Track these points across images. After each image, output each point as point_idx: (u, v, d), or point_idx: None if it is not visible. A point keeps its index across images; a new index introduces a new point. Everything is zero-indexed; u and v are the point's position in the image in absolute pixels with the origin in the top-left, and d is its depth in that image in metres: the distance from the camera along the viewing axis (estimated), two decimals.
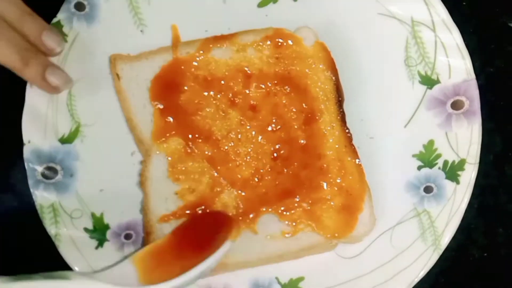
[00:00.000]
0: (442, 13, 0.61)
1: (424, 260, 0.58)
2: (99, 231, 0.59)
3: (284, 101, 0.59)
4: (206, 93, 0.59)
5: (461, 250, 0.62)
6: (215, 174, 0.58)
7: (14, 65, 0.53)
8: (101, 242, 0.58)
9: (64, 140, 0.59)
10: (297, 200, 0.58)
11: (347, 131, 0.59)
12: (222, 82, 0.59)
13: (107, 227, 0.59)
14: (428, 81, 0.61)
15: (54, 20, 0.60)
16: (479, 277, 0.63)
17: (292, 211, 0.58)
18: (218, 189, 0.58)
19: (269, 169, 0.59)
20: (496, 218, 0.63)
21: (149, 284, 0.51)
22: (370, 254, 0.59)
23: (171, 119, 0.59)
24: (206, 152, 0.58)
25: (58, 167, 0.59)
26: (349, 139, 0.59)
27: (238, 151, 0.59)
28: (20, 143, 0.58)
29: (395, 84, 0.62)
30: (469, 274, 0.62)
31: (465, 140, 0.60)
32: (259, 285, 0.59)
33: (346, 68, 0.61)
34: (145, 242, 0.57)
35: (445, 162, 0.60)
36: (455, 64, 0.60)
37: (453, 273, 0.62)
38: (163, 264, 0.53)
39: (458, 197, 0.59)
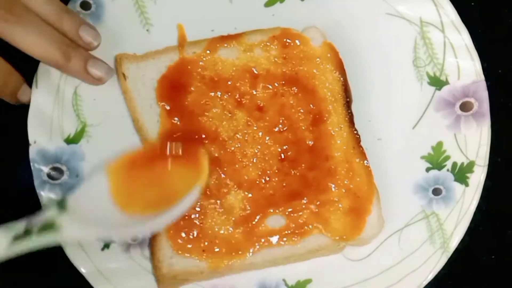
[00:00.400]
0: (451, 14, 0.60)
1: (433, 263, 0.58)
2: None
3: (291, 102, 0.59)
4: (212, 94, 0.59)
5: (469, 253, 0.61)
6: (222, 175, 0.58)
7: (57, 61, 0.55)
8: (107, 244, 0.58)
9: (70, 141, 0.59)
10: (305, 202, 0.58)
11: (355, 132, 0.59)
12: (229, 82, 0.59)
13: None
14: (437, 82, 0.61)
15: None
16: (487, 279, 0.62)
17: (300, 213, 0.57)
18: (225, 190, 0.58)
19: (276, 171, 0.58)
20: (504, 220, 0.63)
21: (121, 202, 0.51)
22: (378, 257, 0.59)
23: (177, 120, 0.58)
24: (213, 153, 0.58)
25: (64, 168, 0.59)
26: (357, 140, 0.59)
27: (245, 152, 0.58)
28: (25, 144, 0.58)
29: (404, 85, 0.61)
30: (477, 277, 0.62)
31: (474, 142, 0.59)
32: (266, 287, 0.59)
33: (353, 68, 0.60)
34: (151, 243, 0.57)
35: (454, 164, 0.60)
36: (464, 65, 0.60)
37: (461, 275, 0.62)
38: (133, 176, 0.53)
39: (467, 199, 0.59)
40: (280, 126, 0.59)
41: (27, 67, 0.57)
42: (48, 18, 0.54)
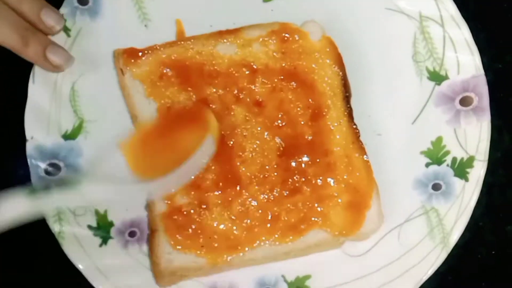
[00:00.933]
0: (451, 8, 0.60)
1: (433, 258, 0.57)
2: (103, 228, 0.58)
3: (290, 97, 0.59)
4: (211, 89, 0.58)
5: (469, 248, 0.61)
6: (220, 170, 0.57)
7: (14, 45, 0.53)
8: (105, 240, 0.58)
9: (67, 136, 0.59)
10: (304, 197, 0.57)
11: (354, 127, 0.59)
12: (227, 77, 0.58)
13: (111, 224, 0.58)
14: (437, 77, 0.60)
15: None
16: (487, 275, 0.62)
17: (299, 208, 0.57)
18: (223, 185, 0.57)
19: (275, 166, 0.58)
20: (504, 215, 0.63)
21: (141, 173, 0.52)
22: (377, 252, 0.58)
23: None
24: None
25: (61, 164, 0.58)
26: (357, 135, 0.58)
27: (243, 148, 0.58)
28: (23, 140, 0.57)
29: (403, 80, 0.61)
30: (477, 272, 0.62)
31: (474, 137, 0.59)
32: (265, 283, 0.58)
33: (353, 63, 0.60)
34: (150, 239, 0.57)
35: (454, 159, 0.59)
36: (464, 59, 0.60)
37: (461, 271, 0.61)
38: (150, 149, 0.54)
39: (466, 194, 0.58)
40: (279, 121, 0.58)
41: (24, 62, 0.56)
42: (8, 0, 0.52)
